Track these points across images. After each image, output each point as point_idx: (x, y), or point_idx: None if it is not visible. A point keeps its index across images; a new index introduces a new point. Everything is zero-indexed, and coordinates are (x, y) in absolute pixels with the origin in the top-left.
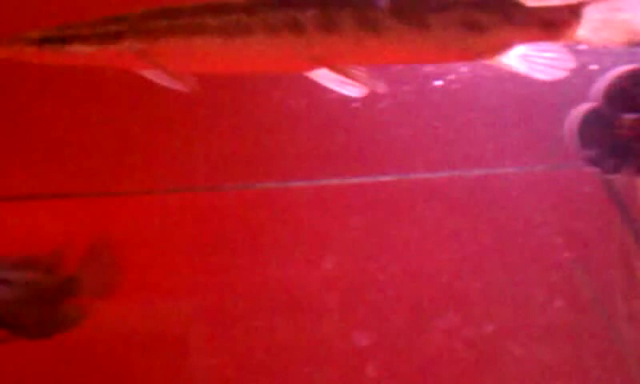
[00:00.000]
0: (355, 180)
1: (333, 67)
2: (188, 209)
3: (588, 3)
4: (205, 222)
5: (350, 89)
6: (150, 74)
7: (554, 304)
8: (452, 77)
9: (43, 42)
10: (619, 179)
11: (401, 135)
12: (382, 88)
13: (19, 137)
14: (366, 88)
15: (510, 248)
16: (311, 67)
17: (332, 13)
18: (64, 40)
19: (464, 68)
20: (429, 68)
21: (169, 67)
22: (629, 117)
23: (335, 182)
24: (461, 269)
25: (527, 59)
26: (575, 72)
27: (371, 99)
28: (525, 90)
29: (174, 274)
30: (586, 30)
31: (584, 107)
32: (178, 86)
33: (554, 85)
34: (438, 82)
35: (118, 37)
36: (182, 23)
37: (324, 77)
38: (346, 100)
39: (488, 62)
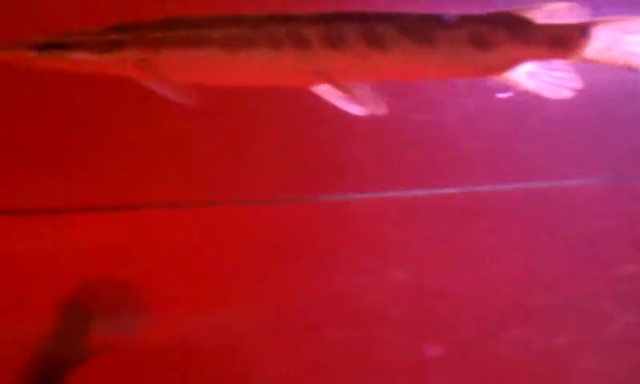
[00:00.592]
0: (422, 192)
1: (335, 83)
2: (257, 220)
3: (597, 23)
4: (274, 233)
5: (355, 107)
6: (151, 84)
7: (623, 316)
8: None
9: (44, 47)
10: None
11: (467, 147)
12: (382, 109)
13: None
14: (365, 108)
15: (577, 260)
16: (315, 82)
17: (337, 28)
18: (65, 46)
19: None
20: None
21: (170, 78)
22: None
23: (403, 194)
24: (528, 281)
25: (535, 77)
26: None
27: (437, 111)
28: (590, 100)
29: (243, 284)
30: (595, 49)
31: None
32: (178, 97)
33: (620, 95)
34: (505, 94)
35: (120, 45)
36: (185, 34)
37: (329, 93)
38: (410, 112)
39: (496, 78)
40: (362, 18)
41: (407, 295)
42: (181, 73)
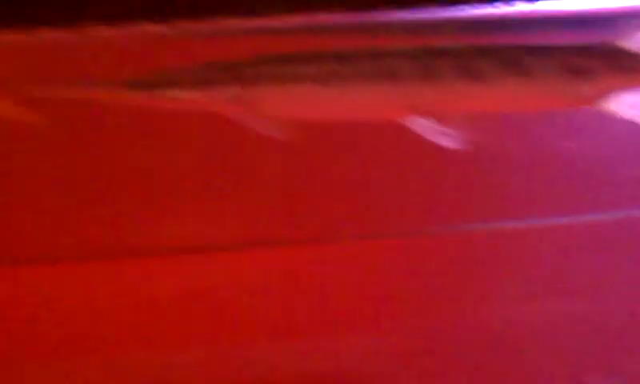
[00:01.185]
0: (579, 218)
1: (429, 117)
2: (401, 253)
3: None
4: (419, 265)
5: (448, 141)
6: (245, 121)
7: None
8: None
9: (137, 85)
10: None
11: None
12: (473, 143)
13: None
14: (457, 141)
15: None
16: (409, 116)
17: (431, 61)
18: (158, 84)
19: None
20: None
21: (263, 114)
22: None
23: (560, 220)
24: None
25: (633, 106)
26: None
27: (597, 134)
28: None
29: (383, 314)
30: None
31: None
32: (274, 132)
33: None
34: None
35: (213, 82)
36: (278, 70)
37: (422, 126)
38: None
39: (592, 108)
40: (456, 51)
41: (568, 325)
42: (274, 109)
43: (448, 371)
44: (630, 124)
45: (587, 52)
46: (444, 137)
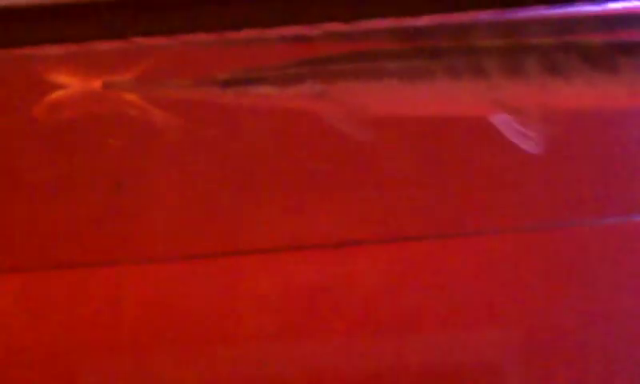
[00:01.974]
0: None
1: (514, 114)
2: (521, 247)
3: None
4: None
5: (531, 143)
6: (330, 118)
7: None
8: None
9: (228, 83)
10: None
11: None
12: (536, 148)
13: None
14: (539, 142)
15: None
16: (493, 112)
17: (517, 57)
18: (248, 81)
19: None
20: None
21: (348, 109)
22: None
23: None
24: None
25: None
26: None
27: None
28: None
29: (504, 307)
30: None
31: None
32: (354, 130)
33: None
34: None
35: (300, 79)
36: (364, 66)
37: (505, 126)
38: None
39: None
40: (542, 47)
41: None
42: (359, 104)
43: (565, 363)
44: None
45: None
46: (526, 139)
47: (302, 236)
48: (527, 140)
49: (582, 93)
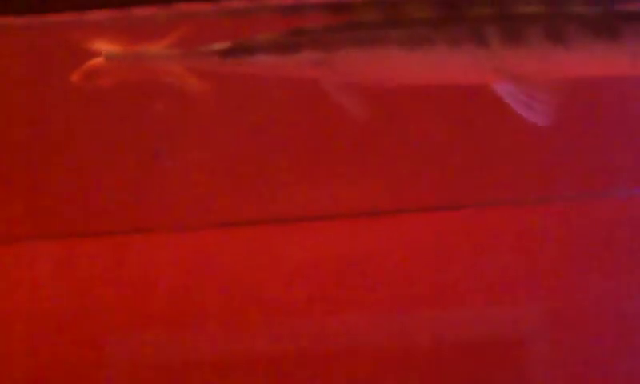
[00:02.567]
0: None
1: (516, 82)
2: (551, 219)
3: None
4: (567, 230)
5: (537, 115)
6: (328, 88)
7: None
8: None
9: (226, 53)
10: None
11: None
12: (546, 120)
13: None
14: (543, 112)
15: None
16: (495, 80)
17: (518, 25)
18: (246, 51)
19: None
20: None
21: (348, 78)
22: None
23: None
24: None
25: None
26: None
27: None
28: None
29: (533, 280)
30: None
31: None
32: (352, 103)
33: None
34: None
35: (297, 47)
36: (362, 34)
37: (510, 96)
38: None
39: None
40: (543, 15)
41: None
42: (359, 73)
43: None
44: None
45: None
46: (531, 109)
47: (334, 205)
48: (532, 111)
49: (583, 60)
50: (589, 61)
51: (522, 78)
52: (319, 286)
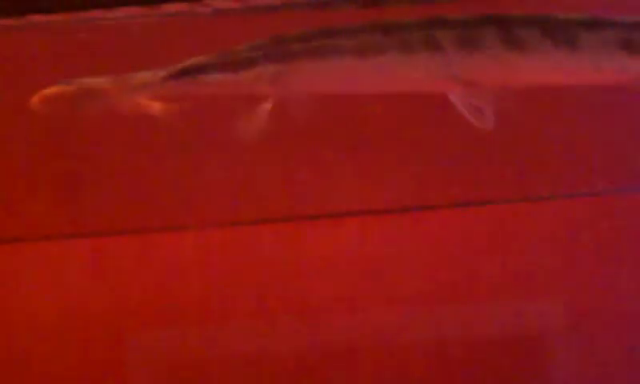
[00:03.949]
0: None
1: (471, 90)
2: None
3: None
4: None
5: (484, 119)
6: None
7: None
8: None
9: (176, 75)
10: None
11: None
12: (489, 125)
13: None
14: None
15: None
16: (450, 88)
17: (474, 31)
18: (197, 71)
19: None
20: None
21: (302, 90)
22: None
23: None
24: None
25: None
26: None
27: None
28: None
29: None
30: None
31: None
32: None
33: None
34: None
35: (250, 63)
36: (317, 45)
37: (457, 101)
38: None
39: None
40: (501, 21)
41: None
42: (315, 84)
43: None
44: None
45: None
46: (479, 114)
47: (360, 202)
48: (482, 116)
49: (542, 68)
50: (548, 69)
51: (477, 85)
52: (347, 282)
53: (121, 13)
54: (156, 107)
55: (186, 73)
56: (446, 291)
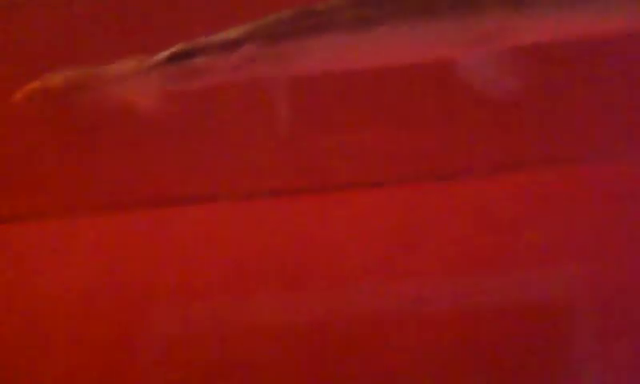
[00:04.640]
0: None
1: (469, 54)
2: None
3: None
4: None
5: (496, 86)
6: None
7: None
8: None
9: (165, 62)
10: None
11: None
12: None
13: None
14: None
15: None
16: (451, 55)
17: None
18: (186, 55)
19: None
20: None
21: (295, 68)
22: None
23: None
24: None
25: None
26: None
27: None
28: None
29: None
30: None
31: None
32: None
33: None
34: None
35: (239, 43)
36: (305, 23)
37: (465, 69)
38: None
39: None
40: None
41: None
42: (307, 62)
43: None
44: None
45: None
46: (491, 81)
47: (396, 169)
48: (493, 84)
49: (543, 25)
50: (547, 26)
51: (478, 49)
52: (380, 252)
53: None
54: (143, 104)
55: (173, 59)
56: (481, 260)
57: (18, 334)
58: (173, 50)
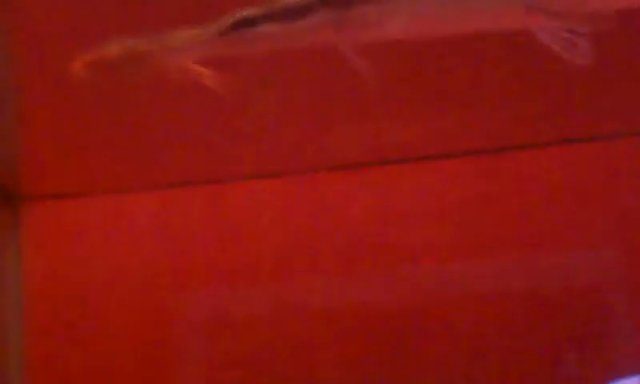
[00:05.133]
0: None
1: (549, 19)
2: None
3: None
4: None
5: (579, 53)
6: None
7: None
8: None
9: (226, 30)
10: None
11: None
12: (585, 59)
13: None
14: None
15: None
16: (529, 21)
17: None
18: (248, 24)
19: None
20: None
21: (367, 37)
22: None
23: None
24: None
25: None
26: None
27: None
28: None
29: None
30: None
31: None
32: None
33: None
34: None
35: (308, 10)
36: None
37: (547, 36)
38: None
39: None
40: None
41: None
42: (379, 29)
43: None
44: None
45: None
46: (573, 48)
47: (452, 144)
48: (573, 49)
49: None
50: None
51: (558, 14)
52: (439, 230)
53: None
54: (207, 75)
55: (236, 27)
56: (543, 237)
57: (72, 308)
58: (237, 16)
